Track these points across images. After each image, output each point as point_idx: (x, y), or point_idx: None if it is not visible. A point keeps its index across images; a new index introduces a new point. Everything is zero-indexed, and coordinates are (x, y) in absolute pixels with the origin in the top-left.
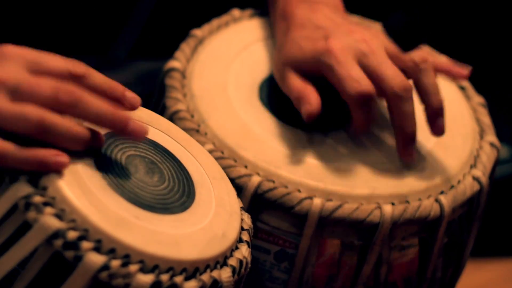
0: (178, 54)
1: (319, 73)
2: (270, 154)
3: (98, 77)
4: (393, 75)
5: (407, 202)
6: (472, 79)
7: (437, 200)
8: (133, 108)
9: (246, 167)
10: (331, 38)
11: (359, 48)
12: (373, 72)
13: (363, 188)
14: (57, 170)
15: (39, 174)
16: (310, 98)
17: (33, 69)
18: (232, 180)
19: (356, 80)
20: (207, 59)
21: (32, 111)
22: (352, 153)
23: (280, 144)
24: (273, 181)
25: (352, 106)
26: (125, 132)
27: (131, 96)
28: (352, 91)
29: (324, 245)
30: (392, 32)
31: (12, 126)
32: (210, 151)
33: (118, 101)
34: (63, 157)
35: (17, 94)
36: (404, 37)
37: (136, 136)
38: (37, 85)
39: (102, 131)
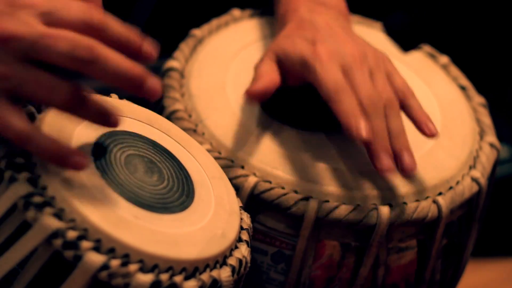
0: (177, 53)
1: (301, 74)
2: (267, 155)
3: (115, 28)
4: (366, 90)
5: (405, 203)
6: (472, 78)
7: (434, 202)
8: (147, 61)
9: (243, 167)
10: (321, 43)
11: (345, 59)
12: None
13: (360, 189)
14: (74, 168)
15: (38, 174)
16: (264, 78)
17: (47, 20)
18: (229, 180)
19: (333, 78)
20: (206, 59)
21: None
22: (349, 154)
23: (277, 144)
24: (270, 182)
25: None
26: (142, 90)
27: (148, 49)
28: (329, 86)
29: (321, 247)
30: (392, 32)
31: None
32: (207, 151)
33: (134, 53)
34: (83, 159)
35: (31, 51)
36: (404, 37)
37: (151, 95)
38: (53, 40)
39: (102, 130)
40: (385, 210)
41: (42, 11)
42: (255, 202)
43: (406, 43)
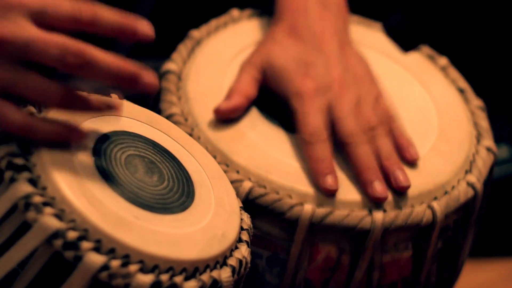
0: (174, 55)
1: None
2: (262, 159)
3: (106, 18)
4: (351, 129)
5: (399, 208)
6: (471, 78)
7: (429, 207)
8: (146, 41)
9: (238, 172)
10: (311, 67)
11: (330, 92)
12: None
13: (355, 194)
14: (77, 141)
15: (39, 174)
16: (236, 96)
17: (38, 20)
18: None
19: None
20: (204, 61)
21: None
22: (344, 159)
23: (273, 149)
24: (265, 187)
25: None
26: (138, 86)
27: (144, 30)
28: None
29: (315, 251)
30: (392, 32)
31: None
32: None
33: (131, 36)
34: (81, 132)
35: (23, 53)
36: (404, 37)
37: (149, 89)
38: (44, 45)
39: (102, 131)
40: (379, 216)
41: (32, 11)
42: (250, 207)
43: (406, 43)
